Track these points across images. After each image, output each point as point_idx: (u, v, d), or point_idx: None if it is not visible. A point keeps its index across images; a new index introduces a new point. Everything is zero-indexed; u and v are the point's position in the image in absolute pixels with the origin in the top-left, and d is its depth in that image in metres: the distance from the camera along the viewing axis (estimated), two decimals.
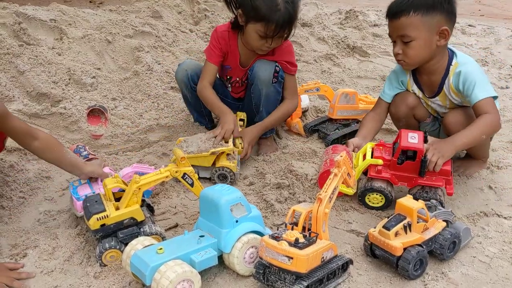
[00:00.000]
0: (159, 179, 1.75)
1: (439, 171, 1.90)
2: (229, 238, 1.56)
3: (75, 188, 1.89)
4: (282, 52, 2.45)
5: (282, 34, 2.28)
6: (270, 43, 2.30)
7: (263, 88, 2.41)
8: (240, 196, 1.60)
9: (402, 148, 1.91)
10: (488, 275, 1.65)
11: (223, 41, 2.47)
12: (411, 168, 1.93)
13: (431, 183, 1.91)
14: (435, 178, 1.92)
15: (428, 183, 1.91)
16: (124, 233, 1.67)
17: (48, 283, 1.58)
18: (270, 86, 2.42)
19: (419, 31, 2.01)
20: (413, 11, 2.00)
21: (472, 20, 5.65)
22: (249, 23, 2.29)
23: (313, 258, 1.46)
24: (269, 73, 2.40)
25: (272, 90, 2.44)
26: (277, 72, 2.42)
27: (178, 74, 2.58)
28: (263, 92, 2.43)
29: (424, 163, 1.88)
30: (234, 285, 1.58)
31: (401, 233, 1.60)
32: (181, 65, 2.59)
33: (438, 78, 2.16)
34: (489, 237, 1.84)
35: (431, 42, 2.04)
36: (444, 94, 2.18)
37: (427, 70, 2.17)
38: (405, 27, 2.03)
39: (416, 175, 1.94)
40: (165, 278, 1.40)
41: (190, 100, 2.61)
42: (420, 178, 1.93)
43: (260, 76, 2.40)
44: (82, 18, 3.58)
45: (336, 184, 1.62)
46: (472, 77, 2.03)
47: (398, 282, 1.61)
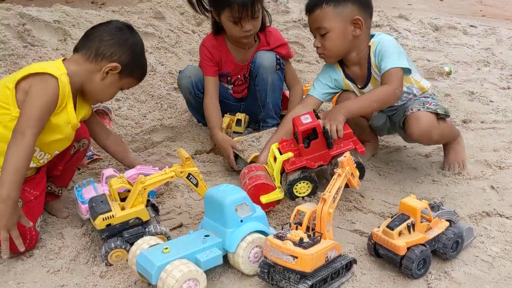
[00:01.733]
0: (164, 179, 1.76)
1: (343, 136, 1.98)
2: (234, 238, 1.58)
3: (80, 191, 1.90)
4: (275, 39, 2.54)
5: (250, 13, 2.31)
6: (246, 27, 2.34)
7: (268, 76, 2.46)
8: (245, 196, 1.62)
9: (302, 132, 1.95)
10: (490, 274, 1.66)
11: (213, 50, 2.52)
12: (319, 146, 1.98)
13: (342, 150, 1.97)
14: (343, 143, 1.99)
15: (339, 151, 1.97)
16: (129, 233, 1.68)
17: (55, 282, 1.60)
18: (274, 73, 2.47)
19: (332, 22, 2.10)
20: (325, 3, 2.10)
21: (473, 20, 5.66)
22: (221, 15, 2.36)
23: (318, 257, 1.47)
24: (272, 60, 2.46)
25: (276, 77, 2.48)
26: (279, 59, 2.49)
27: (182, 81, 2.58)
28: (269, 80, 2.47)
29: (327, 135, 1.94)
30: (239, 284, 1.59)
31: (405, 232, 1.62)
32: (184, 71, 2.59)
33: (365, 66, 2.21)
34: (492, 237, 1.85)
35: (346, 32, 2.12)
36: (374, 78, 2.21)
37: (352, 62, 2.23)
38: (319, 19, 2.12)
39: (326, 150, 1.98)
40: (171, 277, 1.42)
41: (193, 104, 2.63)
42: (331, 150, 1.98)
43: (264, 65, 2.45)
44: (86, 19, 3.60)
45: (340, 184, 1.63)
46: (385, 49, 2.10)
47: (401, 281, 1.62)
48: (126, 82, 1.97)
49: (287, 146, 2.03)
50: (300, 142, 1.98)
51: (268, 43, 2.54)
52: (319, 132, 1.96)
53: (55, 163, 1.93)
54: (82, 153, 2.05)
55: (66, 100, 1.75)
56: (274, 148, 2.03)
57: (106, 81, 1.88)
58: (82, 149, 2.02)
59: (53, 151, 1.84)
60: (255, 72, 2.49)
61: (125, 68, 1.89)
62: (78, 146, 2.00)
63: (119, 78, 1.90)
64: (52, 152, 1.84)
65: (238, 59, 2.56)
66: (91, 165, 2.34)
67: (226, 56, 2.55)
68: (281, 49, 2.56)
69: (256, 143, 2.29)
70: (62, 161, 1.95)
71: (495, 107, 3.20)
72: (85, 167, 2.32)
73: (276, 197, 1.95)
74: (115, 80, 1.90)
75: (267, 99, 2.51)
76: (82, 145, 2.02)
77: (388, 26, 4.91)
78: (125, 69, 1.89)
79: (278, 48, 2.55)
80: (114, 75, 1.88)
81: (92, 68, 1.84)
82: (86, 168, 2.31)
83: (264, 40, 2.56)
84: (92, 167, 2.33)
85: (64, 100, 1.74)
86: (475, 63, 4.16)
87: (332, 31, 2.11)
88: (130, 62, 1.90)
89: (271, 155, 2.06)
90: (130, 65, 1.91)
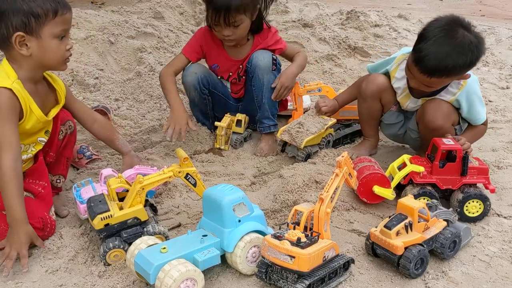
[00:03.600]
0: (163, 179, 1.76)
1: (479, 170, 1.99)
2: (232, 238, 1.58)
3: (79, 191, 1.91)
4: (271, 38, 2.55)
5: (224, 21, 2.30)
6: (224, 32, 2.36)
7: (264, 76, 2.46)
8: (243, 195, 1.62)
9: (443, 150, 1.96)
10: (488, 274, 1.67)
11: (205, 41, 2.55)
12: (453, 169, 1.98)
13: (474, 181, 1.98)
14: (477, 176, 1.99)
15: (471, 181, 1.98)
16: (127, 232, 1.69)
17: (53, 282, 1.60)
18: (270, 73, 2.47)
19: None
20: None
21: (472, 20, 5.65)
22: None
23: (315, 257, 1.48)
24: (268, 61, 2.47)
25: (272, 77, 2.49)
26: (275, 60, 2.50)
27: (187, 78, 2.56)
28: (265, 81, 2.47)
29: (466, 161, 1.95)
30: (237, 284, 1.59)
31: (402, 232, 1.62)
32: (188, 69, 2.58)
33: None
34: (489, 237, 1.85)
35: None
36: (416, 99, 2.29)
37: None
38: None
39: (459, 176, 1.98)
40: (169, 277, 1.42)
41: (197, 102, 2.63)
42: (463, 178, 1.97)
43: (260, 65, 2.45)
44: (85, 19, 3.60)
45: (338, 184, 1.63)
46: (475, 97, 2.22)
47: (399, 281, 1.62)
48: (49, 29, 1.70)
49: (418, 162, 2.02)
50: (436, 160, 1.97)
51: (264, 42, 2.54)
52: (459, 157, 1.95)
53: (47, 151, 1.94)
54: (71, 136, 2.03)
55: (28, 103, 1.73)
56: (405, 158, 2.04)
57: (36, 49, 1.70)
58: (69, 131, 2.02)
59: (36, 138, 1.85)
60: (251, 73, 2.49)
61: (27, 29, 1.66)
62: (65, 130, 1.99)
63: (36, 37, 1.69)
64: (35, 139, 1.85)
65: (231, 54, 2.57)
66: (90, 165, 2.34)
67: (218, 51, 2.57)
68: (277, 44, 2.56)
69: (303, 129, 2.38)
70: (52, 147, 1.95)
71: (494, 107, 3.20)
72: (84, 166, 2.32)
73: (387, 195, 1.96)
74: (36, 41, 1.69)
75: (263, 100, 2.51)
76: (69, 128, 2.01)
77: (388, 26, 4.90)
78: (28, 29, 1.67)
79: (273, 45, 2.55)
80: (29, 39, 1.68)
81: (18, 53, 1.70)
82: (85, 168, 2.32)
83: (258, 40, 2.55)
84: (91, 167, 2.33)
85: (26, 106, 1.72)
86: None
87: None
88: (23, 20, 1.65)
89: (398, 162, 2.06)
90: (26, 21, 1.65)
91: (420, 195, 1.94)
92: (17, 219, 1.64)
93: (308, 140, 2.35)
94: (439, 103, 2.19)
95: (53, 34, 1.71)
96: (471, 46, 1.97)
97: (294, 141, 2.38)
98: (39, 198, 1.84)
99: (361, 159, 2.13)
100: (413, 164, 1.98)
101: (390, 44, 4.47)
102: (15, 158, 1.66)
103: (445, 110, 2.17)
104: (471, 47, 1.97)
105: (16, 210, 1.64)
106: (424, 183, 1.98)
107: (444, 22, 2.02)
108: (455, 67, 1.98)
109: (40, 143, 1.88)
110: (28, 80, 1.75)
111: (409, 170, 1.97)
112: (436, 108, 2.17)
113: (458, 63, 1.97)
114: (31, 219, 1.69)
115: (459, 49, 1.96)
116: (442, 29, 1.99)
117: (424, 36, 2.02)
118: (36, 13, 1.66)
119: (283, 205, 2.00)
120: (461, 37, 1.97)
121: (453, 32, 1.98)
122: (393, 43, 4.52)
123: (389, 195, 1.96)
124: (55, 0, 1.71)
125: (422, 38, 2.02)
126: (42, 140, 1.89)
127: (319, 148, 2.47)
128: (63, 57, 1.79)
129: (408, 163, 2.01)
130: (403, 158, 2.05)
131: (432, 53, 1.96)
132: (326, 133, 2.48)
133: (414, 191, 1.95)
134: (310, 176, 2.15)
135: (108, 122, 2.26)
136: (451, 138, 2.03)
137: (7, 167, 1.63)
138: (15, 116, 1.70)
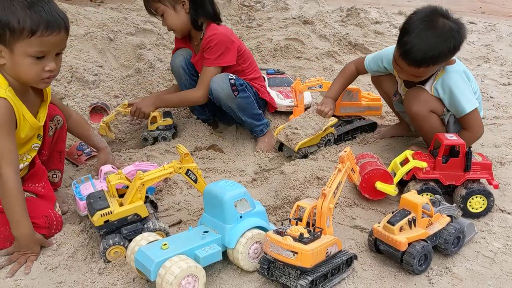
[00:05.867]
0: (163, 175, 1.74)
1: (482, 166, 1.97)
2: (234, 234, 1.56)
3: (78, 187, 1.89)
4: (206, 42, 2.46)
5: (146, 8, 2.48)
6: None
7: (229, 103, 2.44)
8: (244, 191, 1.60)
9: (446, 145, 1.95)
10: (492, 270, 1.65)
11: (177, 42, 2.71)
12: (456, 165, 1.96)
13: (478, 176, 1.96)
14: (480, 172, 1.97)
15: (475, 176, 1.96)
16: (128, 229, 1.67)
17: (53, 279, 1.58)
18: (235, 99, 2.42)
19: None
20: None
21: (473, 17, 5.64)
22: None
23: (318, 253, 1.46)
24: (227, 91, 2.40)
25: (239, 101, 2.44)
26: (234, 83, 2.41)
27: (174, 60, 2.61)
28: (234, 107, 2.45)
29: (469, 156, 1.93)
30: (239, 280, 1.57)
31: (406, 228, 1.60)
32: (176, 52, 2.64)
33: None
34: (493, 232, 1.83)
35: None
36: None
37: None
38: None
39: (462, 171, 1.96)
40: (170, 273, 1.40)
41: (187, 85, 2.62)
42: (467, 173, 1.96)
43: (221, 97, 2.42)
44: (84, 16, 3.58)
45: (341, 179, 1.61)
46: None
47: (402, 277, 1.61)
48: (22, 47, 1.58)
49: (421, 157, 2.01)
50: (439, 156, 1.96)
51: (204, 46, 2.47)
52: (462, 152, 1.94)
53: (39, 150, 1.91)
54: (61, 130, 2.00)
55: (21, 111, 1.68)
56: (408, 154, 2.02)
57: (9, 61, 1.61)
58: (59, 126, 1.98)
59: (30, 146, 1.82)
60: (217, 102, 2.47)
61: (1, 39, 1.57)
62: (54, 125, 1.96)
63: (9, 50, 1.59)
64: (29, 147, 1.82)
65: (195, 50, 2.61)
66: (89, 162, 2.32)
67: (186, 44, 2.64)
68: (208, 53, 2.45)
69: (300, 130, 2.34)
70: (44, 145, 1.92)
71: (495, 103, 3.19)
72: (83, 163, 2.30)
73: (389, 191, 1.94)
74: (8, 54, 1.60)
75: (242, 118, 2.50)
76: (58, 122, 1.97)
77: (388, 22, 4.89)
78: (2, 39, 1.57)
79: (206, 52, 2.47)
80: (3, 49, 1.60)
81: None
82: (84, 165, 2.30)
83: (204, 41, 2.48)
84: (91, 163, 2.31)
85: (20, 114, 1.68)
86: (475, 59, 4.15)
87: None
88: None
89: (401, 158, 2.04)
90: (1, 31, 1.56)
91: (423, 191, 1.92)
92: (25, 234, 1.64)
93: (302, 143, 2.32)
94: (417, 90, 2.23)
95: (26, 52, 1.59)
96: (453, 32, 2.03)
97: (288, 144, 2.35)
98: (41, 197, 1.83)
99: (363, 155, 2.12)
100: (416, 160, 1.96)
101: (391, 41, 4.45)
102: (16, 172, 1.64)
103: (421, 97, 2.20)
104: (453, 33, 2.03)
105: (25, 225, 1.63)
106: (427, 179, 1.96)
107: (424, 14, 2.08)
108: (440, 54, 2.04)
109: (34, 150, 1.85)
110: (18, 85, 1.68)
111: (412, 166, 1.95)
112: (413, 95, 2.22)
113: (443, 50, 2.03)
114: (36, 218, 1.68)
115: (441, 37, 2.03)
116: (422, 20, 2.05)
117: (407, 30, 2.07)
118: (12, 26, 1.55)
119: (284, 201, 1.98)
120: (441, 26, 2.03)
121: (433, 22, 2.04)
122: (393, 40, 4.49)
123: (391, 191, 1.94)
124: (39, 20, 1.57)
125: (405, 32, 2.07)
126: (36, 146, 1.86)
127: (318, 147, 2.44)
128: (38, 77, 1.65)
129: (411, 158, 1.99)
130: (406, 153, 2.04)
131: (417, 45, 2.02)
132: (326, 133, 2.45)
133: (417, 187, 1.93)
134: (311, 172, 2.13)
135: (83, 118, 2.22)
136: (454, 134, 2.01)
137: (12, 182, 1.61)
138: (12, 127, 1.66)
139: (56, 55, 1.68)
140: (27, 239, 1.65)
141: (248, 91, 2.49)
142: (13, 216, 1.62)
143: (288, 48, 3.99)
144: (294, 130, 2.35)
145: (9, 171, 1.61)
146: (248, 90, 2.50)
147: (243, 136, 2.66)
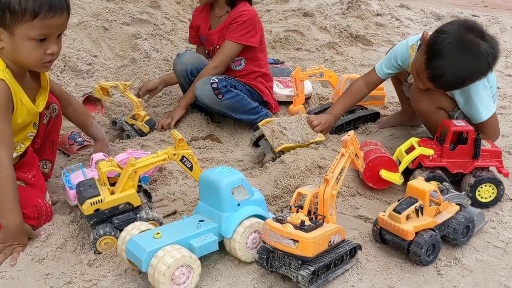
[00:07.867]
0: (156, 162, 1.66)
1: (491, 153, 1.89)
2: (231, 223, 1.48)
3: (68, 176, 1.81)
4: (236, 21, 2.43)
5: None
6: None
7: (219, 107, 2.43)
8: (242, 178, 1.51)
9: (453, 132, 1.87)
10: (504, 260, 1.56)
11: (194, 16, 2.61)
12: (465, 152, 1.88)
13: (487, 164, 1.88)
14: (489, 160, 1.89)
15: (484, 164, 1.88)
16: (119, 218, 1.58)
17: (40, 271, 1.49)
18: (220, 103, 2.39)
19: None
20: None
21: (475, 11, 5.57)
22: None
23: (320, 241, 1.37)
24: (210, 95, 2.36)
25: (226, 103, 2.41)
26: (216, 87, 2.35)
27: (177, 66, 2.54)
28: (222, 109, 2.43)
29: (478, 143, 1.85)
30: (236, 271, 1.49)
31: (413, 216, 1.52)
32: (181, 57, 2.53)
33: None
34: (504, 222, 1.75)
35: None
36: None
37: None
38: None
39: (470, 159, 1.88)
40: (162, 263, 1.31)
41: (186, 89, 2.58)
42: (475, 161, 1.87)
43: (207, 103, 2.41)
44: (78, 6, 3.50)
45: (344, 165, 1.53)
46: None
47: (409, 268, 1.52)
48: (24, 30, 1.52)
49: (427, 144, 1.93)
50: (447, 143, 1.87)
51: (232, 25, 2.43)
52: (470, 139, 1.85)
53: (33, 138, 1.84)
54: (56, 119, 1.95)
55: (18, 95, 1.62)
56: (413, 141, 1.94)
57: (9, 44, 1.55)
58: (54, 114, 1.92)
59: (25, 135, 1.76)
60: (205, 107, 2.47)
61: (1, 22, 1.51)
62: (49, 113, 1.89)
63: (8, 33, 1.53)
64: (24, 136, 1.76)
65: (212, 25, 2.54)
66: (81, 151, 2.24)
67: (203, 22, 2.56)
68: (235, 28, 2.41)
69: (288, 133, 2.19)
70: (38, 133, 1.85)
71: (502, 93, 3.14)
72: (75, 153, 2.22)
73: (394, 180, 1.86)
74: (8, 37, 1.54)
75: (237, 117, 2.47)
76: (53, 111, 1.91)
77: (390, 15, 4.82)
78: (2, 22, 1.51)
79: (232, 34, 2.42)
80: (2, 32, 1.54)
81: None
82: (76, 155, 2.22)
83: (230, 17, 2.44)
84: (82, 153, 2.23)
85: (17, 97, 1.62)
86: None
87: None
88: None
89: (406, 145, 1.96)
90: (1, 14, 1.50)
91: (429, 180, 1.83)
92: (15, 223, 1.56)
93: (286, 147, 2.14)
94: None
95: (27, 36, 1.52)
96: (489, 58, 1.88)
97: (272, 140, 2.16)
98: (31, 186, 1.76)
99: (366, 143, 2.03)
100: (422, 147, 1.88)
101: (393, 32, 4.38)
102: (10, 157, 1.57)
103: (430, 95, 2.08)
104: (489, 60, 1.88)
105: (16, 214, 1.56)
106: (434, 167, 1.87)
107: (457, 35, 1.89)
108: (471, 79, 1.93)
109: (29, 139, 1.78)
110: (16, 68, 1.62)
111: (418, 153, 1.87)
112: (421, 90, 2.09)
113: (476, 75, 1.92)
114: (25, 208, 1.61)
115: (477, 66, 1.89)
116: (456, 44, 1.88)
117: (438, 52, 1.89)
118: (13, 8, 1.48)
119: (284, 190, 1.89)
120: (477, 51, 1.86)
121: (469, 46, 1.87)
122: (395, 31, 4.43)
123: (397, 180, 1.86)
124: (42, 1, 1.50)
125: (436, 54, 1.90)
126: (31, 135, 1.79)
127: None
128: (40, 61, 1.59)
129: (417, 146, 1.90)
130: (411, 141, 1.95)
131: (451, 73, 1.88)
132: (308, 146, 2.22)
133: (423, 175, 1.84)
134: (313, 161, 2.04)
135: (83, 107, 2.16)
136: (462, 120, 1.92)
137: (6, 166, 1.54)
138: (10, 110, 1.59)
139: (57, 37, 1.62)
140: (16, 229, 1.56)
141: (236, 89, 2.44)
142: (6, 205, 1.54)
143: (288, 39, 3.91)
144: (283, 130, 2.19)
145: (3, 155, 1.54)
146: (236, 87, 2.45)
147: (242, 126, 2.58)
